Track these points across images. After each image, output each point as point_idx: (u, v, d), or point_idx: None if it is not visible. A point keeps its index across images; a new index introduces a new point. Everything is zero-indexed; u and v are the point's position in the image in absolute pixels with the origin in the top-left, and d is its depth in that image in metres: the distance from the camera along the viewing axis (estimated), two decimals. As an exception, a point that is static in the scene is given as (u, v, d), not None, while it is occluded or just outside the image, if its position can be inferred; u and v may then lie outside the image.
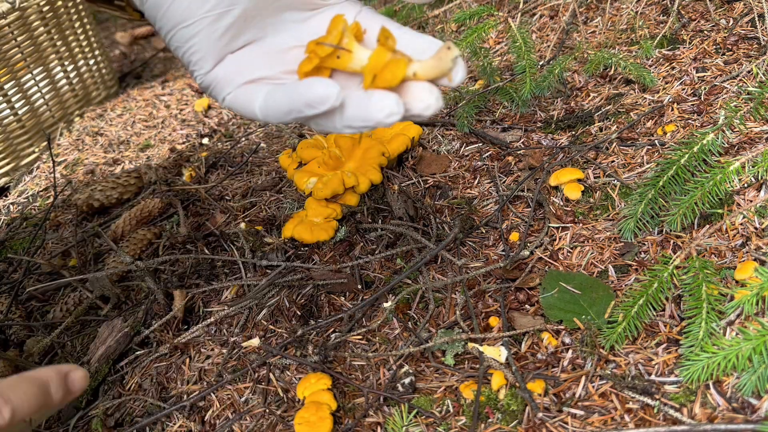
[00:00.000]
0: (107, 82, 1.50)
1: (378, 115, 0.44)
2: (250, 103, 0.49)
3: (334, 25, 0.49)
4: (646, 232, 0.71)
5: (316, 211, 0.81)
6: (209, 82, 0.51)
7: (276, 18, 0.52)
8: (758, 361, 0.52)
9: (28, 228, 1.08)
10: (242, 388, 0.69)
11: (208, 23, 0.48)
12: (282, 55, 0.52)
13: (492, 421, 0.58)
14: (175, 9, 0.48)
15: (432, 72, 0.45)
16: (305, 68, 0.49)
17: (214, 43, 0.50)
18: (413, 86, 0.46)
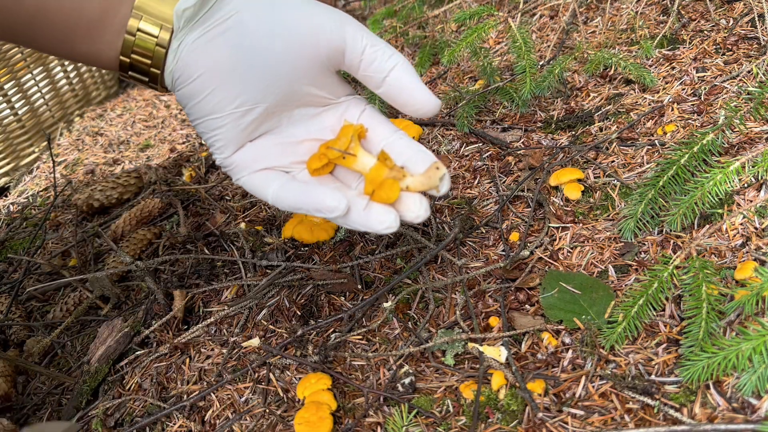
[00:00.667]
0: (107, 82, 1.50)
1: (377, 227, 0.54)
2: (263, 189, 0.57)
3: (344, 133, 0.58)
4: (646, 232, 0.71)
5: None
6: (228, 164, 0.58)
7: (291, 113, 0.59)
8: (758, 361, 0.52)
9: (28, 228, 1.08)
10: (242, 388, 0.69)
11: (234, 118, 0.55)
12: (294, 147, 0.59)
13: (492, 421, 0.58)
14: (207, 102, 0.54)
15: (422, 187, 0.55)
16: (315, 165, 0.58)
17: (238, 134, 0.56)
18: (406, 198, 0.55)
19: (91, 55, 0.55)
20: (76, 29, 0.52)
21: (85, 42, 0.53)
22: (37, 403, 0.77)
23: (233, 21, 0.53)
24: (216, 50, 0.53)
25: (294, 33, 0.54)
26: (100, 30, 0.53)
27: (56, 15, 0.51)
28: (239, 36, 0.53)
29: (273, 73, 0.54)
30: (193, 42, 0.53)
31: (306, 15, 0.54)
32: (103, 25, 0.53)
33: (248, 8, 0.53)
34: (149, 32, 0.52)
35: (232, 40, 0.53)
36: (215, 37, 0.53)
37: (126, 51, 0.54)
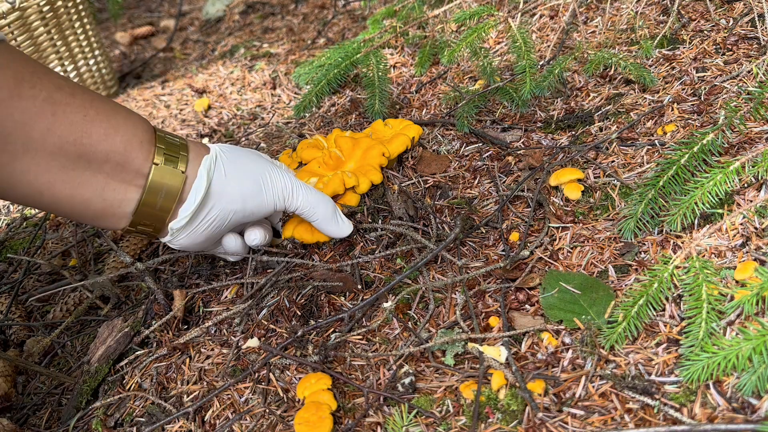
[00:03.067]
0: (107, 82, 1.50)
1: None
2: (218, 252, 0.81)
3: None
4: (646, 232, 0.71)
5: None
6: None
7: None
8: (758, 361, 0.52)
9: (28, 228, 1.08)
10: (242, 388, 0.69)
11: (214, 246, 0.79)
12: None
13: (492, 421, 0.58)
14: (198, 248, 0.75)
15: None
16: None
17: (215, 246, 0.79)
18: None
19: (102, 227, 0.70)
20: (83, 217, 0.66)
21: (93, 221, 0.67)
22: (37, 403, 0.77)
23: (211, 226, 0.71)
24: (203, 236, 0.72)
25: (258, 215, 0.74)
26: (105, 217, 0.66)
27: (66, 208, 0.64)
28: (219, 225, 0.72)
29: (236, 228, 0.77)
30: (185, 236, 0.71)
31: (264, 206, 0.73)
32: (107, 215, 0.66)
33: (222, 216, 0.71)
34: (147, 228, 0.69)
35: (215, 228, 0.72)
36: (203, 231, 0.71)
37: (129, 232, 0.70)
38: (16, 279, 0.95)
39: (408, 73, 1.16)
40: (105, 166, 0.63)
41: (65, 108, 0.60)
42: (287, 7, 1.74)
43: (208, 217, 0.70)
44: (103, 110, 0.63)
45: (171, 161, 0.67)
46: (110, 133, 0.63)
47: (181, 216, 0.68)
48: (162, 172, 0.66)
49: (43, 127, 0.58)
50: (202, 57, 1.62)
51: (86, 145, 0.61)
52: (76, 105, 0.61)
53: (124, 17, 2.07)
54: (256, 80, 1.36)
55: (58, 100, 0.59)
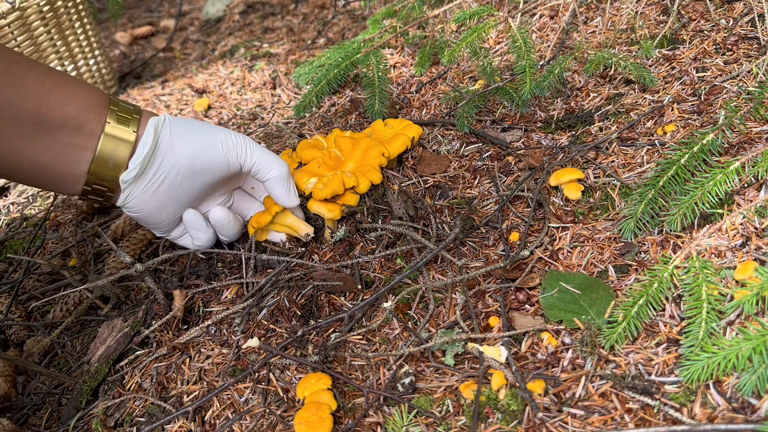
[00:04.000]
0: (107, 82, 1.50)
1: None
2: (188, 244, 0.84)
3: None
4: (646, 232, 0.71)
5: (316, 212, 0.81)
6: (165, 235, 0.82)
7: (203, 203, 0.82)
8: (758, 361, 0.52)
9: (28, 228, 1.08)
10: (242, 388, 0.69)
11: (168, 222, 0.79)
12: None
13: (492, 421, 0.58)
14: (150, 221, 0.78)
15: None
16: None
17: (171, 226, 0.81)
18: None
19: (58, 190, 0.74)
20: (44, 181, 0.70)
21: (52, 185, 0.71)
22: (37, 403, 0.77)
23: (163, 179, 0.73)
24: (155, 198, 0.74)
25: (208, 175, 0.75)
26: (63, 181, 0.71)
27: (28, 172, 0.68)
28: (170, 185, 0.74)
29: (195, 196, 0.78)
30: (138, 194, 0.73)
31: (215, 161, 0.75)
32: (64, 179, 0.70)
33: (173, 165, 0.73)
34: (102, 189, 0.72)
35: (166, 189, 0.74)
36: (154, 191, 0.73)
37: (85, 193, 0.73)
38: (16, 279, 0.95)
39: (408, 73, 1.16)
40: (63, 131, 0.67)
41: (23, 80, 0.65)
42: (287, 7, 1.74)
43: (158, 173, 0.72)
44: (59, 81, 0.68)
45: (123, 122, 0.71)
46: (66, 100, 0.67)
47: (131, 167, 0.70)
48: (114, 130, 0.70)
49: (3, 99, 0.63)
50: (202, 57, 1.62)
51: (45, 112, 0.66)
52: (33, 77, 0.66)
53: (124, 17, 2.07)
54: (256, 80, 1.36)
55: (16, 74, 0.64)
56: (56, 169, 0.69)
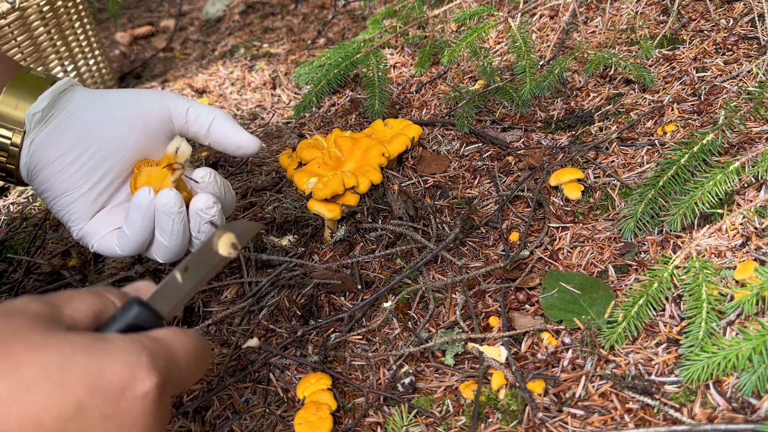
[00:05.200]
0: (107, 82, 1.50)
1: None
2: (110, 247, 0.66)
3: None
4: (646, 232, 0.71)
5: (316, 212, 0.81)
6: (82, 234, 0.67)
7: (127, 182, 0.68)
8: (758, 361, 0.52)
9: (28, 228, 1.08)
10: (242, 388, 0.69)
11: (84, 192, 0.65)
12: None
13: (492, 421, 0.58)
14: (60, 183, 0.64)
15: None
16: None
17: (89, 206, 0.66)
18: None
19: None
20: None
21: None
22: (37, 403, 0.77)
23: (73, 117, 0.64)
24: (62, 142, 0.63)
25: (125, 115, 0.65)
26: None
27: None
28: (80, 127, 0.64)
29: (113, 150, 0.65)
30: (43, 138, 0.63)
31: (131, 99, 0.66)
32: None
33: (84, 105, 0.65)
34: (3, 135, 0.63)
35: (74, 131, 0.63)
36: (61, 132, 0.63)
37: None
38: (16, 279, 0.95)
39: (408, 73, 1.16)
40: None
41: None
42: (287, 7, 1.74)
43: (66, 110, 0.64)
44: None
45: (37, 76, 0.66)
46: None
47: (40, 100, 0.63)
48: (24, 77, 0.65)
49: None
50: (202, 57, 1.62)
51: None
52: None
53: (124, 17, 2.07)
54: (256, 80, 1.36)
55: None
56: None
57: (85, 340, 0.38)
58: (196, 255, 0.48)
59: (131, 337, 0.40)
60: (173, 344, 0.42)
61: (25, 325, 0.38)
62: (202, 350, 0.45)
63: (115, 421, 0.38)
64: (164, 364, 0.40)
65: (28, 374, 0.36)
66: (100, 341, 0.39)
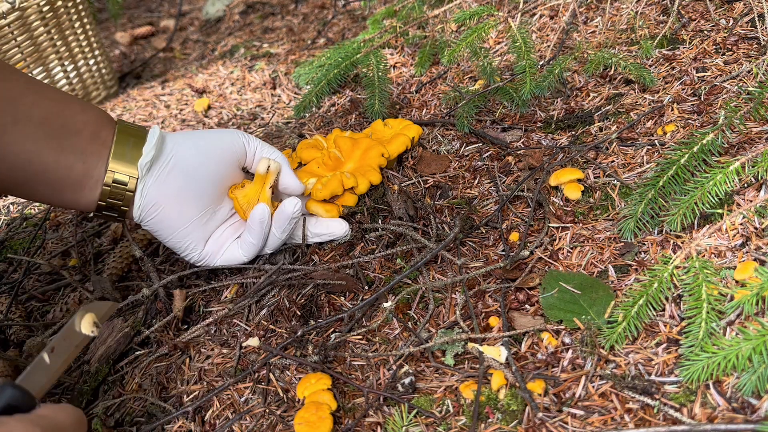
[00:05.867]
0: (107, 82, 1.50)
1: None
2: (235, 257, 0.79)
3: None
4: (646, 232, 0.71)
5: (314, 213, 0.81)
6: (203, 257, 0.78)
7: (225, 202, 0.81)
8: (758, 361, 0.52)
9: (28, 228, 1.08)
10: (242, 388, 0.69)
11: (195, 223, 0.76)
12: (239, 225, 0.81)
13: (492, 421, 0.58)
14: (173, 221, 0.75)
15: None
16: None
17: (201, 233, 0.77)
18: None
19: (75, 202, 0.73)
20: (65, 186, 0.71)
21: (72, 193, 0.72)
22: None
23: (173, 162, 0.74)
24: (170, 185, 0.74)
25: (215, 155, 0.77)
26: (83, 185, 0.71)
27: (52, 175, 0.69)
28: (181, 170, 0.74)
29: (210, 184, 0.77)
30: (152, 184, 0.73)
31: (217, 140, 0.78)
32: (85, 181, 0.71)
33: (183, 152, 0.75)
34: (121, 181, 0.72)
35: (178, 174, 0.74)
36: (167, 176, 0.73)
37: (103, 198, 0.72)
38: (16, 279, 0.95)
39: (408, 73, 1.16)
40: (82, 134, 0.71)
41: (44, 88, 0.70)
42: (287, 7, 1.74)
43: (168, 157, 0.74)
44: (71, 96, 0.74)
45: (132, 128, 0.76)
46: (85, 109, 0.72)
47: (145, 152, 0.72)
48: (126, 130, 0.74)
49: (29, 102, 0.67)
50: (202, 57, 1.62)
51: (67, 116, 0.70)
52: (51, 89, 0.72)
53: (124, 17, 2.07)
54: (256, 80, 1.36)
55: (36, 83, 0.70)
56: (79, 170, 0.70)
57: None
58: (60, 336, 0.55)
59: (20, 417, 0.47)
60: (58, 417, 0.50)
61: None
62: (81, 419, 0.54)
63: None
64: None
65: None
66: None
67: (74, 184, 0.71)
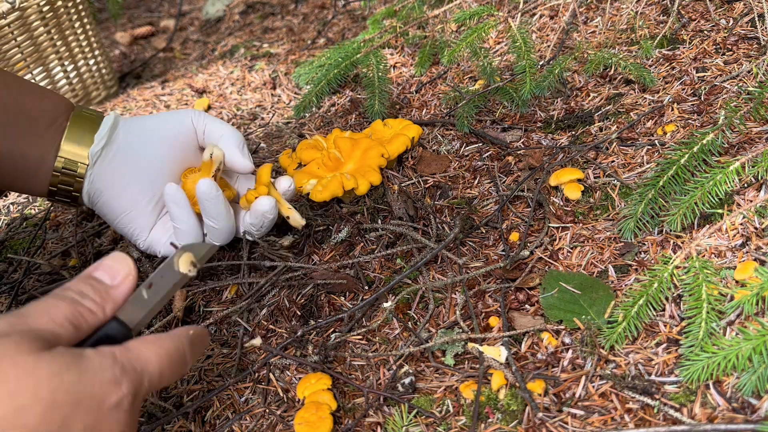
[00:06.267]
0: (107, 82, 1.50)
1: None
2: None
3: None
4: (646, 232, 0.71)
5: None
6: (148, 244, 0.78)
7: None
8: (758, 361, 0.52)
9: (28, 228, 1.08)
10: (242, 388, 0.69)
11: (141, 207, 0.76)
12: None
13: (492, 421, 0.58)
14: (118, 204, 0.75)
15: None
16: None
17: (147, 219, 0.77)
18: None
19: (28, 188, 0.75)
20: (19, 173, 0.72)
21: (25, 181, 0.73)
22: (37, 403, 0.77)
23: (121, 150, 0.74)
24: (114, 171, 0.74)
25: (160, 138, 0.76)
26: (36, 172, 0.73)
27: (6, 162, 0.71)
28: (125, 155, 0.74)
29: (157, 168, 0.76)
30: (99, 170, 0.74)
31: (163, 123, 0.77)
32: (39, 167, 0.73)
33: (128, 138, 0.75)
34: (71, 169, 0.73)
35: (123, 161, 0.74)
36: (110, 162, 0.74)
37: (54, 183, 0.74)
38: (16, 279, 0.95)
39: (408, 73, 1.16)
40: (39, 121, 0.72)
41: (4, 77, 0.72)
42: (287, 7, 1.74)
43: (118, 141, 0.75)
44: (32, 84, 0.76)
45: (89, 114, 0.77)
46: (42, 98, 0.74)
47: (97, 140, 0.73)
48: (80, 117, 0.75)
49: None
50: (202, 57, 1.62)
51: (24, 104, 0.72)
52: (11, 77, 0.74)
53: (124, 17, 2.07)
54: (256, 80, 1.36)
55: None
56: (34, 157, 0.72)
57: (68, 359, 0.43)
58: (158, 273, 0.54)
59: (106, 352, 0.45)
60: (144, 354, 0.47)
61: (12, 349, 0.41)
62: (176, 353, 0.50)
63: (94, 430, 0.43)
64: (135, 376, 0.46)
65: (22, 399, 0.40)
66: (80, 359, 0.43)
67: (28, 171, 0.72)
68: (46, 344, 0.43)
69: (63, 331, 0.45)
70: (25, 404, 0.40)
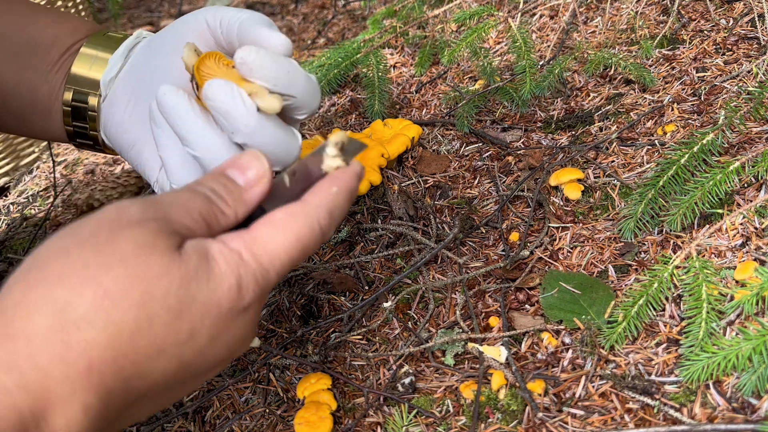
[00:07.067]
0: (107, 82, 1.50)
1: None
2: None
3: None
4: (646, 232, 0.71)
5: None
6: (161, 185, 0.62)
7: None
8: (758, 361, 0.52)
9: (28, 228, 1.08)
10: (242, 388, 0.69)
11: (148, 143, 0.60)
12: None
13: (492, 421, 0.58)
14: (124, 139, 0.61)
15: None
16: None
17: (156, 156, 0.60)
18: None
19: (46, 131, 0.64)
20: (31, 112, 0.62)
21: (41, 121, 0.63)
22: (37, 403, 0.77)
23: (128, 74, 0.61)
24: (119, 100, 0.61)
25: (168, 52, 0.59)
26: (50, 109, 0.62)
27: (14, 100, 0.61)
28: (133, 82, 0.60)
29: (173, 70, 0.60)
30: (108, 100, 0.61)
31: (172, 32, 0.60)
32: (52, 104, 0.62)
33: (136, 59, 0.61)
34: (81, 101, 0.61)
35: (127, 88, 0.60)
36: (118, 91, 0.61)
37: (68, 122, 0.62)
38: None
39: (408, 73, 1.16)
40: (52, 49, 0.61)
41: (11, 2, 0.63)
42: (287, 7, 1.74)
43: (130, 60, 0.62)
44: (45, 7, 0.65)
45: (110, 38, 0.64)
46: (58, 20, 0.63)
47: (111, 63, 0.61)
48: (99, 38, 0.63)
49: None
50: (202, 57, 1.62)
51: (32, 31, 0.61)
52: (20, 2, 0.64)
53: (124, 17, 2.07)
54: (256, 80, 1.36)
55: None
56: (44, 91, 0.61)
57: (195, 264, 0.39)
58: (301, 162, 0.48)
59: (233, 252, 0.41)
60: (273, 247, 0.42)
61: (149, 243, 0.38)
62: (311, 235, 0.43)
63: (220, 339, 0.41)
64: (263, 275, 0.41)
65: (153, 307, 0.37)
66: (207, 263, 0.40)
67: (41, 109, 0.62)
68: (180, 239, 0.40)
69: (198, 227, 0.42)
70: (154, 314, 0.37)
